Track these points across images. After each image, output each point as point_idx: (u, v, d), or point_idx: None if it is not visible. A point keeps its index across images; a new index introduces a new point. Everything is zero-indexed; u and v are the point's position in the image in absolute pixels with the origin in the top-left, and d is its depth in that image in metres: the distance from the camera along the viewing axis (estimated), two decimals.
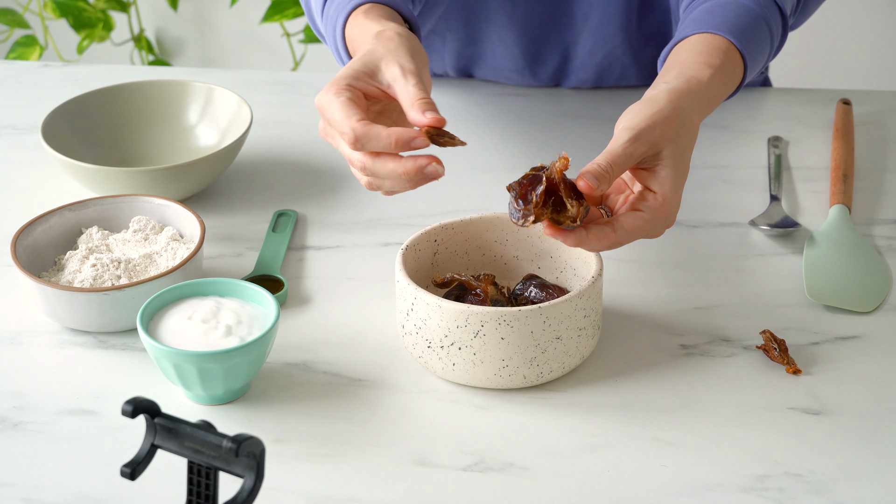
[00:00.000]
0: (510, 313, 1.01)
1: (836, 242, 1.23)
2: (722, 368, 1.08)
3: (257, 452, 0.80)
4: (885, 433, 1.01)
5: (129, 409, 0.81)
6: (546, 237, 1.13)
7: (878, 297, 1.16)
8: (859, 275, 1.19)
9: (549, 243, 1.14)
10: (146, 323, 1.04)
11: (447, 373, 1.05)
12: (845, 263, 1.21)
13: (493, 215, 1.14)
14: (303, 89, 1.57)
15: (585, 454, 0.99)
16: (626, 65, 1.48)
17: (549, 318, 1.02)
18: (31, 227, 1.18)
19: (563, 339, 1.04)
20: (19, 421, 1.04)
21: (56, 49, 2.64)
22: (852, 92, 1.52)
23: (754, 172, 1.37)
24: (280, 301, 1.16)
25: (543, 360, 1.04)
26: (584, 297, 1.04)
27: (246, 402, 1.05)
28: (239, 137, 1.31)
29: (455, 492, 0.96)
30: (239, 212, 1.31)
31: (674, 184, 1.01)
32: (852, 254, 1.22)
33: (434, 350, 1.05)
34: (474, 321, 1.02)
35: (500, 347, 1.02)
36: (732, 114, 1.47)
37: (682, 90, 1.04)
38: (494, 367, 1.03)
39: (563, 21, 1.46)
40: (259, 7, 2.65)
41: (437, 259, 1.13)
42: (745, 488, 0.96)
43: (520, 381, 1.04)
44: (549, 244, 1.14)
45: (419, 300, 1.03)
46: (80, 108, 1.38)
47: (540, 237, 1.14)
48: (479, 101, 1.52)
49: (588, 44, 1.46)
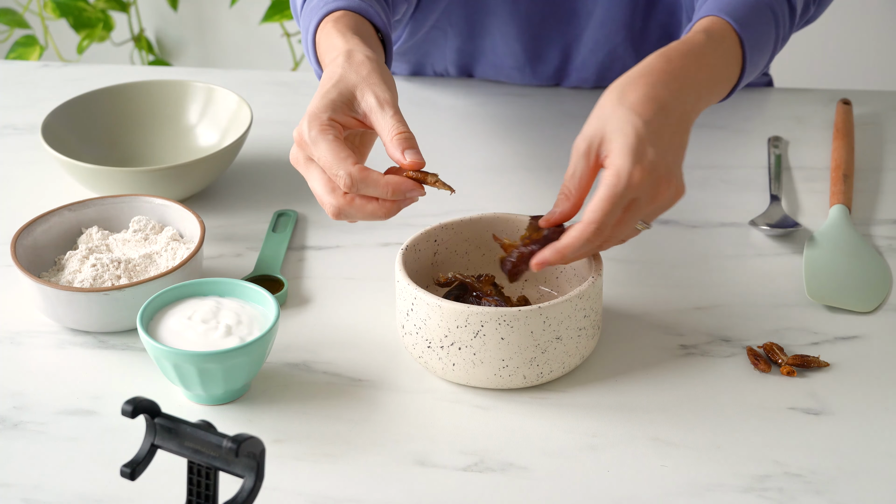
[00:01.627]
0: (510, 313, 1.01)
1: (836, 242, 1.23)
2: (722, 368, 1.08)
3: (257, 452, 0.80)
4: (885, 433, 1.01)
5: (129, 409, 0.81)
6: None
7: (878, 297, 1.16)
8: (859, 275, 1.19)
9: None
10: (146, 323, 1.04)
11: (447, 373, 1.05)
12: (845, 263, 1.21)
13: (493, 215, 1.14)
14: (303, 89, 1.57)
15: (585, 454, 0.99)
16: (627, 64, 1.48)
17: (549, 319, 1.02)
18: (31, 227, 1.18)
19: (563, 339, 1.04)
20: (19, 421, 1.04)
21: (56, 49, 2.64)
22: (852, 92, 1.52)
23: (754, 172, 1.37)
24: (280, 301, 1.16)
25: (543, 360, 1.04)
26: (583, 297, 1.04)
27: (246, 402, 1.05)
28: (239, 137, 1.31)
29: (455, 492, 0.96)
30: (239, 212, 1.31)
31: (622, 150, 0.97)
32: (852, 254, 1.22)
33: (434, 350, 1.05)
34: (474, 321, 1.02)
35: (500, 347, 1.02)
36: (732, 114, 1.47)
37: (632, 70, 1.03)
38: (494, 367, 1.03)
39: (565, 18, 1.46)
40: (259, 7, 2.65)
41: (437, 259, 1.13)
42: (745, 488, 0.96)
43: (520, 382, 1.04)
44: None
45: (419, 300, 1.03)
46: (80, 108, 1.38)
47: None
48: (479, 101, 1.52)
49: (590, 41, 1.46)
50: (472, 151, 1.40)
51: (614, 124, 0.99)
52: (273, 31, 2.68)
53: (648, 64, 1.02)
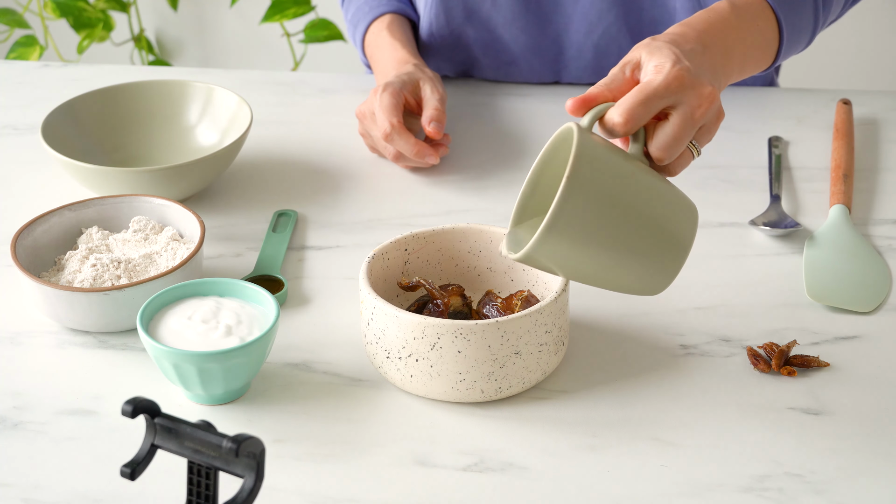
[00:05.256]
0: (466, 327, 1.00)
1: (836, 242, 1.23)
2: (722, 368, 1.08)
3: (257, 452, 0.80)
4: (884, 433, 1.01)
5: (129, 409, 0.81)
6: None
7: (878, 297, 1.16)
8: (859, 275, 1.19)
9: None
10: (146, 323, 1.04)
11: (405, 384, 1.04)
12: (845, 263, 1.21)
13: (466, 226, 1.13)
14: (303, 89, 1.57)
15: (585, 454, 0.99)
16: (623, 47, 1.47)
17: (508, 333, 1.01)
18: (31, 227, 1.18)
19: (523, 354, 1.02)
20: (19, 421, 1.04)
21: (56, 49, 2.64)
22: (852, 92, 1.52)
23: (754, 172, 1.37)
24: (280, 301, 1.16)
25: (502, 374, 1.02)
26: (544, 312, 1.02)
27: (246, 402, 1.05)
28: (239, 137, 1.31)
29: (455, 492, 0.96)
30: (239, 212, 1.31)
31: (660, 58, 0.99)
32: (852, 254, 1.22)
33: (392, 361, 1.04)
34: (431, 333, 1.01)
35: (456, 361, 1.01)
36: (733, 114, 1.47)
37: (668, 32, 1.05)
38: (451, 380, 1.02)
39: (551, 7, 1.46)
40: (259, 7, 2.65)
41: (408, 268, 1.13)
42: (745, 488, 0.96)
43: (478, 396, 1.03)
44: None
45: (378, 310, 1.03)
46: (80, 108, 1.38)
47: None
48: (480, 102, 1.52)
49: (582, 26, 1.46)
50: (472, 152, 1.40)
51: (650, 49, 1.00)
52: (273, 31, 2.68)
53: (671, 29, 1.05)
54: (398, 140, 1.32)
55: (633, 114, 0.96)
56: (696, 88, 0.98)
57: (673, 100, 0.97)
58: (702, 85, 0.98)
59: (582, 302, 1.15)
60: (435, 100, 1.35)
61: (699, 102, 0.98)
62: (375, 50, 1.48)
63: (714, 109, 0.99)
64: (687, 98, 0.97)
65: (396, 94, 1.34)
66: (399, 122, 1.32)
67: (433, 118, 1.34)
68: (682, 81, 0.97)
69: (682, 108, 0.97)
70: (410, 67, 1.40)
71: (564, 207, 0.92)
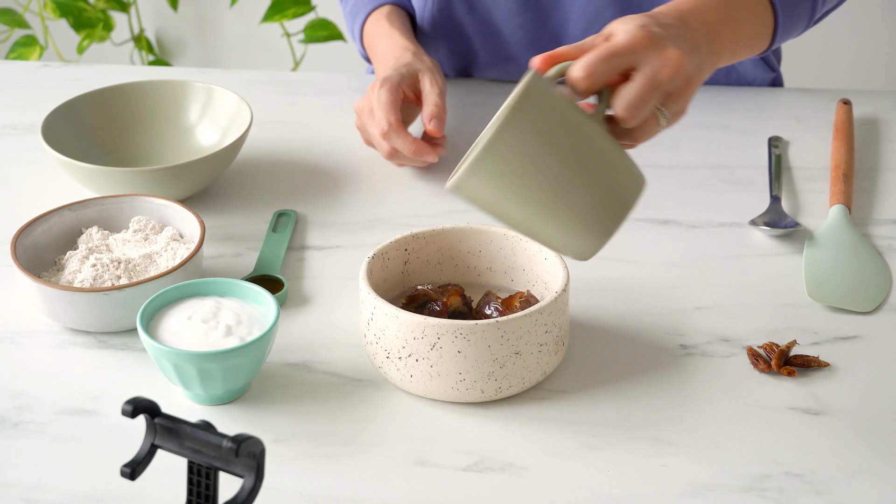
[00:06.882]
0: (466, 327, 1.00)
1: (836, 242, 1.23)
2: (722, 368, 1.08)
3: (257, 452, 0.80)
4: (884, 433, 1.01)
5: (129, 409, 0.81)
6: (518, 251, 1.12)
7: (878, 297, 1.16)
8: (859, 275, 1.19)
9: (522, 256, 1.13)
10: (146, 323, 1.04)
11: (405, 384, 1.04)
12: (845, 263, 1.21)
13: (466, 226, 1.13)
14: (303, 89, 1.57)
15: (585, 454, 0.99)
16: None
17: (508, 333, 1.01)
18: (31, 227, 1.18)
19: (523, 354, 1.02)
20: (19, 421, 1.04)
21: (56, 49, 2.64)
22: (852, 92, 1.52)
23: (754, 172, 1.37)
24: (280, 301, 1.16)
25: (502, 374, 1.02)
26: (544, 312, 1.02)
27: (246, 402, 1.05)
28: (239, 137, 1.31)
29: (455, 492, 0.96)
30: (239, 212, 1.31)
31: (626, 21, 0.99)
32: (852, 254, 1.22)
33: (392, 361, 1.04)
34: (431, 333, 1.01)
35: (456, 361, 1.01)
36: (733, 114, 1.47)
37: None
38: (451, 380, 1.02)
39: (549, 2, 1.46)
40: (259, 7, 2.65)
41: (409, 268, 1.13)
42: (745, 488, 0.96)
43: (478, 396, 1.03)
44: (522, 257, 1.13)
45: (378, 310, 1.03)
46: (80, 108, 1.38)
47: (513, 250, 1.13)
48: (479, 101, 1.52)
49: (580, 22, 1.46)
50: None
51: (624, 20, 0.99)
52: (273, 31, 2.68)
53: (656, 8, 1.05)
54: (396, 139, 1.29)
55: (594, 69, 0.95)
56: (661, 50, 0.97)
57: (635, 59, 0.96)
58: (666, 47, 0.97)
59: (582, 302, 1.15)
60: (434, 94, 1.32)
61: (663, 64, 0.97)
62: (374, 39, 1.46)
63: (682, 76, 0.98)
64: (650, 58, 0.96)
65: (394, 89, 1.31)
66: (397, 121, 1.29)
67: (434, 115, 1.31)
68: (645, 41, 0.97)
69: (646, 68, 0.96)
70: (409, 56, 1.37)
71: (500, 139, 0.90)
